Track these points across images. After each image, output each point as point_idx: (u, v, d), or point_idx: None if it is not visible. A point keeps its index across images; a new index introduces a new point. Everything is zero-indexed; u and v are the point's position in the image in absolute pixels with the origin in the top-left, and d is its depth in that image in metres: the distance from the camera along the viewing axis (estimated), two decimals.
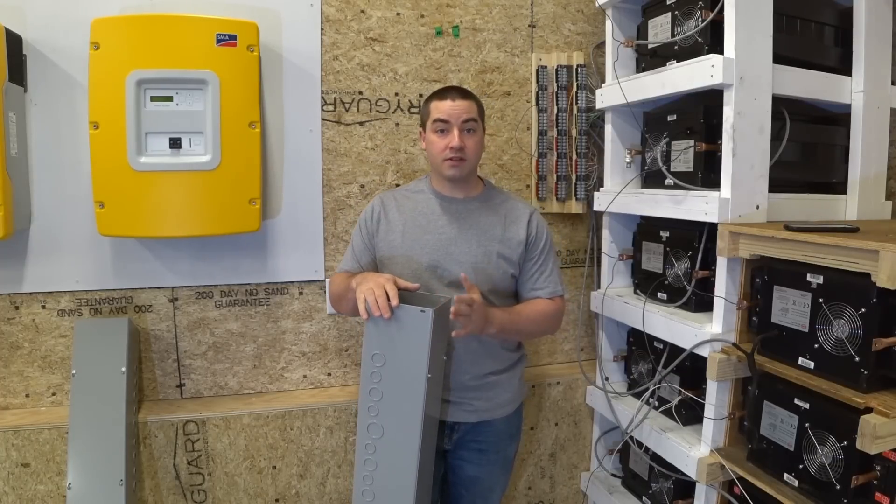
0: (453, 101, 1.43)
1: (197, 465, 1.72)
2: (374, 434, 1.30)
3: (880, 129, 1.65)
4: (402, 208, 1.51)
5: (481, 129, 1.48)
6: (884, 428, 1.06)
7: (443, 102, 1.44)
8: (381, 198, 1.56)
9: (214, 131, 1.55)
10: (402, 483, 1.29)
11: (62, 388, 1.71)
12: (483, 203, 1.52)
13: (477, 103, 1.48)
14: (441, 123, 1.43)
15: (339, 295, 1.46)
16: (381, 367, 1.28)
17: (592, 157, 2.00)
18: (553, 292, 1.51)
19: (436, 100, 1.46)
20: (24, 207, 1.58)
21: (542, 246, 1.52)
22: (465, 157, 1.43)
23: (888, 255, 1.05)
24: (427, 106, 1.49)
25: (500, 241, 1.48)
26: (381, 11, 1.84)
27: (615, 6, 1.84)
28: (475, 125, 1.45)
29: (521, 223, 1.51)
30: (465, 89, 1.48)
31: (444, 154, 1.42)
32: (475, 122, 1.45)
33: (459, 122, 1.42)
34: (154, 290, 1.75)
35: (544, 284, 1.51)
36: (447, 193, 1.51)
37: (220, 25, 1.54)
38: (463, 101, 1.43)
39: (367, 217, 1.53)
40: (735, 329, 1.45)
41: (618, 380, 1.97)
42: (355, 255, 1.53)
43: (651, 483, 1.76)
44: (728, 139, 1.43)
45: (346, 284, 1.38)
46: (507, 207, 1.53)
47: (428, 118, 1.47)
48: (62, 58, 1.60)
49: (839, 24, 1.64)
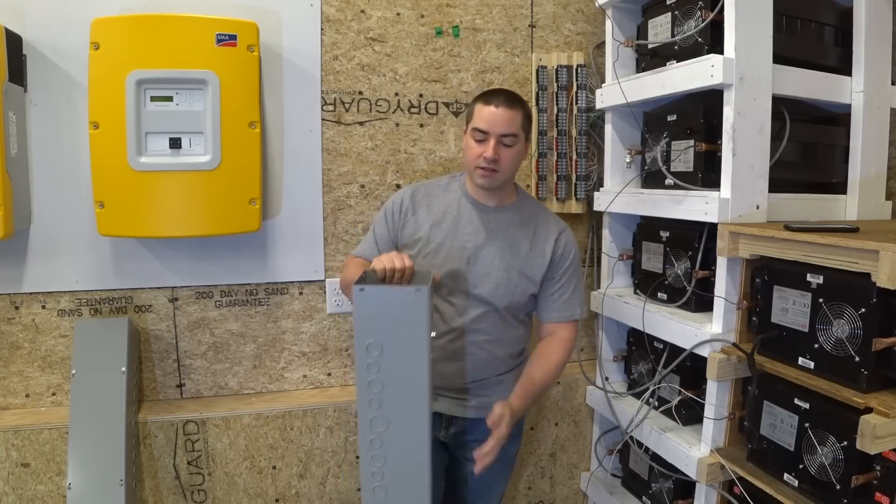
0: (496, 109, 1.37)
1: (197, 465, 1.72)
2: (379, 427, 1.25)
3: (880, 129, 1.65)
4: (432, 207, 1.47)
5: (522, 142, 1.42)
6: (884, 428, 1.06)
7: (486, 108, 1.38)
8: (411, 190, 1.51)
9: (214, 131, 1.55)
10: (415, 473, 1.25)
11: (62, 388, 1.71)
12: (514, 214, 1.48)
13: (523, 112, 1.41)
14: (479, 133, 1.38)
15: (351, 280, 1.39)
16: (379, 355, 1.22)
17: (592, 157, 2.00)
18: (570, 316, 1.48)
19: (481, 103, 1.40)
20: (24, 207, 1.58)
21: (566, 266, 1.48)
22: (499, 169, 1.38)
23: (888, 255, 1.05)
24: (472, 107, 1.43)
25: (524, 258, 1.45)
26: (381, 11, 1.84)
27: (615, 6, 1.84)
28: (514, 140, 1.39)
29: (549, 242, 1.47)
30: (513, 95, 1.41)
31: (477, 162, 1.38)
32: (515, 138, 1.39)
33: (497, 134, 1.37)
34: (154, 290, 1.75)
35: (562, 308, 1.48)
36: (479, 200, 1.47)
37: (220, 25, 1.54)
38: (507, 110, 1.37)
39: (395, 209, 1.48)
40: (735, 329, 1.45)
41: (618, 380, 1.97)
42: (376, 243, 1.49)
43: (651, 483, 1.76)
44: (728, 139, 1.43)
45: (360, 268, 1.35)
46: (537, 222, 1.49)
47: (470, 120, 1.42)
48: (62, 58, 1.60)
49: (839, 24, 1.64)
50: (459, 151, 1.95)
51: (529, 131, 1.46)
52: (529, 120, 1.44)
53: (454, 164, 1.94)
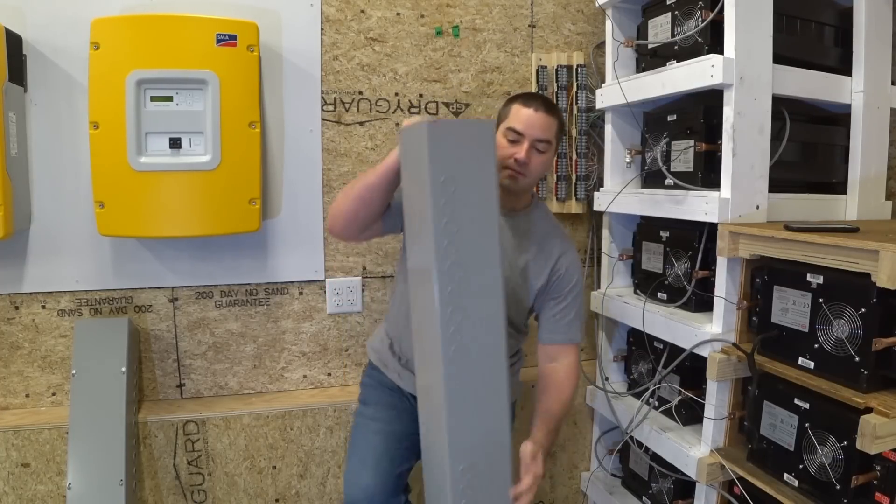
0: (535, 112, 1.34)
1: (197, 465, 1.72)
2: (455, 276, 1.10)
3: (880, 129, 1.65)
4: None
5: (553, 151, 1.41)
6: (884, 428, 1.06)
7: (525, 109, 1.35)
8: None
9: (214, 131, 1.55)
10: (491, 326, 1.15)
11: (62, 388, 1.71)
12: (522, 223, 1.45)
13: (559, 122, 1.40)
14: (514, 134, 1.35)
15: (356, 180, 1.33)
16: (453, 192, 1.09)
17: (592, 157, 2.00)
18: (570, 339, 1.46)
19: (519, 103, 1.37)
20: (24, 207, 1.58)
21: (569, 287, 1.45)
22: (527, 173, 1.36)
23: (888, 255, 1.05)
24: (508, 107, 1.40)
25: (520, 272, 1.42)
26: (381, 11, 1.84)
27: (615, 6, 1.84)
28: (547, 147, 1.37)
29: (551, 259, 1.44)
30: (551, 102, 1.40)
31: (507, 162, 1.35)
32: (548, 145, 1.37)
33: (533, 138, 1.35)
34: (154, 290, 1.75)
35: (564, 330, 1.46)
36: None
37: (220, 25, 1.54)
38: (546, 116, 1.35)
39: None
40: (735, 329, 1.45)
41: (618, 380, 1.97)
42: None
43: (651, 483, 1.76)
44: (728, 139, 1.43)
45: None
46: (542, 234, 1.46)
47: (504, 119, 1.38)
48: (62, 58, 1.60)
49: (839, 24, 1.64)
50: None
51: (560, 141, 1.45)
52: (563, 130, 1.43)
53: None
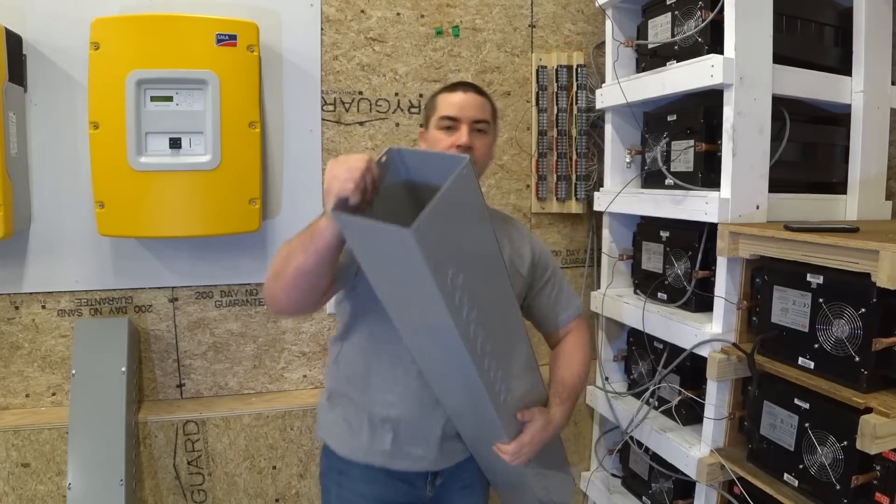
0: (464, 94, 1.24)
1: (197, 465, 1.72)
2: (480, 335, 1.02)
3: (880, 129, 1.65)
4: None
5: (493, 134, 1.29)
6: (884, 428, 1.06)
7: (453, 95, 1.24)
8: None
9: (214, 131, 1.55)
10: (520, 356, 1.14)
11: (62, 388, 1.71)
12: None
13: (491, 104, 1.29)
14: (448, 120, 1.22)
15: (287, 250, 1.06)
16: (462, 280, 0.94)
17: (592, 157, 2.00)
18: (578, 308, 1.39)
19: (445, 92, 1.27)
20: (24, 207, 1.58)
21: (551, 266, 1.38)
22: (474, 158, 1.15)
23: (888, 255, 1.05)
24: (433, 101, 1.29)
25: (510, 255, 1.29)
26: (381, 11, 1.84)
27: (615, 6, 1.84)
28: (487, 127, 1.25)
29: (525, 242, 1.35)
30: (478, 86, 1.30)
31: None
32: (487, 125, 1.25)
33: (470, 120, 1.22)
34: (154, 290, 1.75)
35: (567, 304, 1.38)
36: None
37: (220, 25, 1.54)
38: (476, 96, 1.25)
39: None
40: (735, 329, 1.45)
41: (618, 380, 1.97)
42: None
43: (651, 483, 1.76)
44: (728, 139, 1.43)
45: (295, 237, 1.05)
46: (501, 220, 1.37)
47: (433, 114, 1.27)
48: (62, 58, 1.60)
49: (839, 24, 1.64)
50: None
51: (497, 127, 1.33)
52: (496, 114, 1.31)
53: None
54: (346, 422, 1.25)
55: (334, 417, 1.28)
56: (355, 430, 1.24)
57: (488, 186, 1.98)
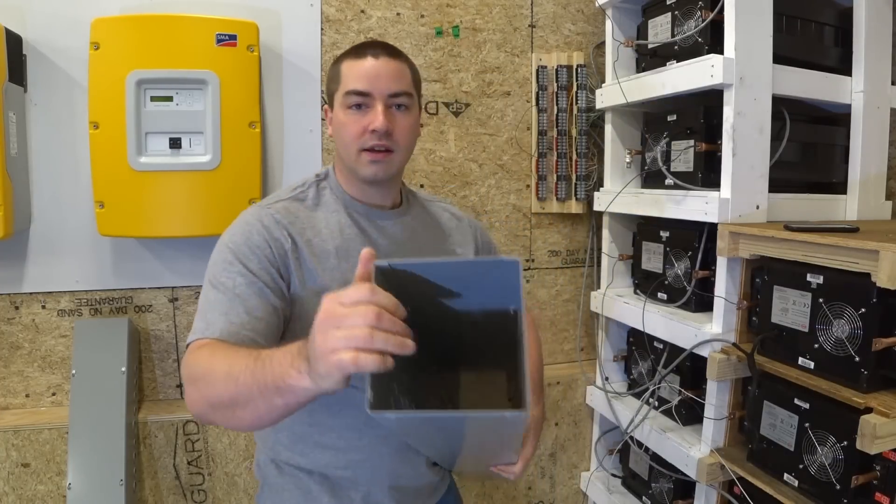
0: (375, 60, 0.95)
1: (197, 465, 1.72)
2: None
3: (880, 129, 1.65)
4: (313, 238, 0.96)
5: (417, 107, 1.02)
6: (884, 428, 1.06)
7: (360, 63, 0.95)
8: (270, 215, 0.95)
9: (214, 131, 1.55)
10: None
11: (62, 388, 1.71)
12: (418, 209, 1.12)
13: (410, 66, 1.01)
14: (357, 96, 0.95)
15: (229, 385, 0.71)
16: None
17: (592, 157, 2.00)
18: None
19: (350, 58, 0.97)
20: (24, 207, 1.58)
21: (492, 252, 1.21)
22: (394, 147, 0.97)
23: (888, 255, 1.05)
24: (336, 69, 0.99)
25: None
26: (381, 11, 1.84)
27: (615, 6, 1.84)
28: (409, 101, 0.98)
29: (465, 233, 1.16)
30: (392, 46, 1.01)
31: (362, 141, 0.96)
32: (409, 97, 0.98)
33: (385, 94, 0.95)
34: (154, 290, 1.75)
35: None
36: (374, 202, 1.03)
37: (220, 25, 1.54)
38: (391, 59, 0.97)
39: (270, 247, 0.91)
40: (735, 329, 1.45)
41: (618, 380, 1.97)
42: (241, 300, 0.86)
43: (651, 483, 1.76)
44: (728, 139, 1.43)
45: (243, 363, 0.71)
46: (435, 211, 1.16)
47: (337, 88, 0.98)
48: (62, 58, 1.60)
49: (839, 24, 1.64)
50: (460, 151, 1.95)
51: (420, 96, 1.06)
52: (419, 79, 1.04)
53: (454, 164, 1.94)
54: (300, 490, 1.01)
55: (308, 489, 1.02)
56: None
57: (488, 187, 1.98)
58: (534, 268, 2.06)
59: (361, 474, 1.00)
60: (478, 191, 1.98)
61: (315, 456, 1.00)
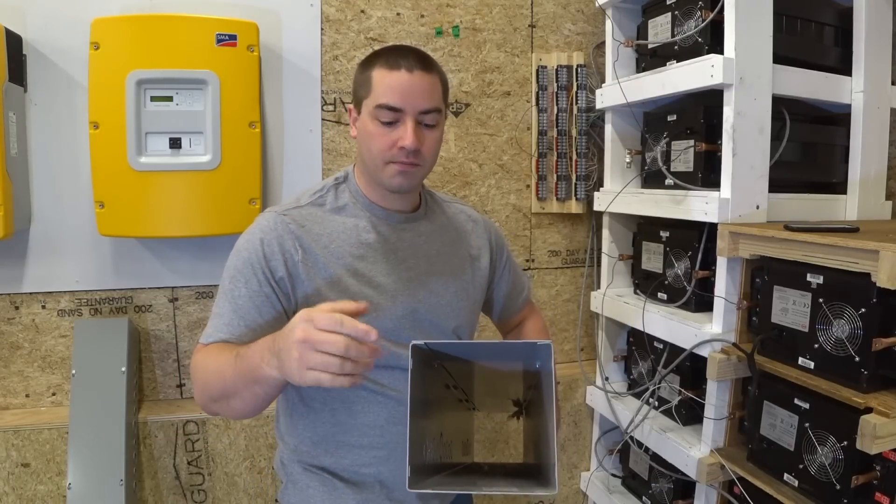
0: (410, 74, 0.93)
1: (197, 465, 1.72)
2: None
3: (880, 129, 1.65)
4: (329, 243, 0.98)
5: (443, 120, 1.02)
6: (884, 428, 1.06)
7: (394, 74, 0.93)
8: (285, 224, 0.97)
9: (214, 131, 1.55)
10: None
11: (62, 388, 1.71)
12: (436, 211, 1.13)
13: (441, 78, 1.00)
14: (388, 112, 0.94)
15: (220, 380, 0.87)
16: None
17: (592, 157, 2.00)
18: (529, 288, 1.29)
19: (383, 67, 0.95)
20: (24, 207, 1.58)
21: (505, 253, 1.22)
22: (421, 161, 0.97)
23: (888, 255, 1.05)
24: (366, 75, 0.97)
25: (470, 264, 1.13)
26: (381, 11, 1.84)
27: (615, 6, 1.84)
28: (438, 117, 0.98)
29: (481, 236, 1.17)
30: (423, 54, 0.98)
31: (390, 155, 0.95)
32: (437, 115, 0.97)
33: (417, 111, 0.94)
34: (154, 290, 1.75)
35: (522, 286, 1.27)
36: (393, 207, 1.04)
37: (220, 25, 1.54)
38: (424, 74, 0.95)
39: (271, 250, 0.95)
40: (735, 329, 1.45)
41: (618, 380, 1.97)
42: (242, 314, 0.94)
43: (651, 483, 1.76)
44: (728, 139, 1.43)
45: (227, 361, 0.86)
46: (453, 213, 1.16)
47: (367, 96, 0.96)
48: (62, 58, 1.60)
49: (839, 24, 1.64)
50: (460, 151, 1.95)
51: (448, 105, 1.07)
52: (447, 88, 1.04)
53: (455, 164, 1.94)
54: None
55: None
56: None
57: (488, 187, 1.98)
58: (534, 268, 2.06)
59: (385, 471, 1.02)
60: (478, 191, 1.98)
61: (339, 455, 1.03)
